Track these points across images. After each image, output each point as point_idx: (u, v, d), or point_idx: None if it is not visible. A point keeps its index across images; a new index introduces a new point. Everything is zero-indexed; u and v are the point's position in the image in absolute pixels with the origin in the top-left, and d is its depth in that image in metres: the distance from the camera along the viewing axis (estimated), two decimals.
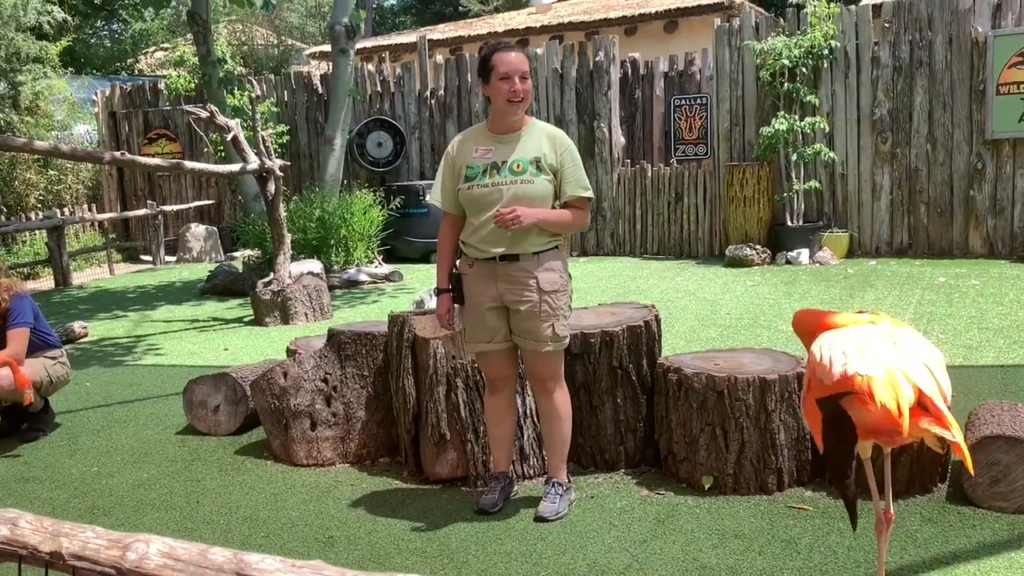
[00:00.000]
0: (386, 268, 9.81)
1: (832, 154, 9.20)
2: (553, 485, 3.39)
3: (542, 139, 3.30)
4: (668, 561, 2.94)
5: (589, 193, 3.33)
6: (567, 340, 3.35)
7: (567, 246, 3.49)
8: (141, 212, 12.65)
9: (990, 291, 7.09)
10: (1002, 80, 8.59)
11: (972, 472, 2.23)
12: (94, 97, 14.51)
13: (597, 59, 10.70)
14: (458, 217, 3.39)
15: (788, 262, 9.07)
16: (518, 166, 3.25)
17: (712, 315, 6.78)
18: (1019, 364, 5.04)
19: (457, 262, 3.44)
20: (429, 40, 13.38)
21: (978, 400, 3.91)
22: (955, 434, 2.14)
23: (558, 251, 3.34)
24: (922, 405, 2.18)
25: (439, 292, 3.44)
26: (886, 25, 9.12)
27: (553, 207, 3.30)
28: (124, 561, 1.25)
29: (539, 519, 3.30)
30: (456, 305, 3.41)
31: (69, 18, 17.13)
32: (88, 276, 12.09)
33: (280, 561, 1.19)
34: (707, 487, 3.47)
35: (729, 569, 2.87)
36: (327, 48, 14.95)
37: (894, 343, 2.28)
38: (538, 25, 16.30)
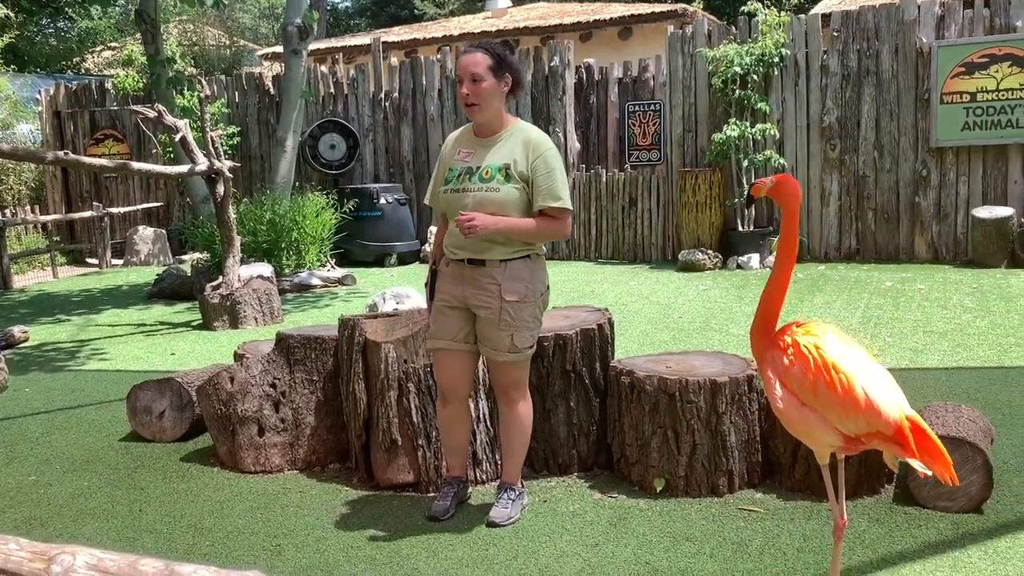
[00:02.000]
0: (339, 272, 9.70)
1: (782, 160, 9.33)
2: (506, 490, 3.36)
3: (517, 145, 3.20)
4: (620, 565, 2.93)
5: (560, 204, 3.17)
6: (528, 351, 3.28)
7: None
8: (87, 214, 12.35)
9: (935, 295, 7.24)
10: (946, 89, 8.80)
11: (957, 483, 2.27)
12: (38, 96, 14.14)
13: (552, 64, 10.73)
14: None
15: (739, 267, 9.17)
16: (487, 173, 3.18)
17: (665, 319, 6.82)
18: (963, 366, 5.15)
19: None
20: (384, 42, 13.30)
21: (923, 402, 3.97)
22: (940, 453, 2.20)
23: (529, 261, 3.23)
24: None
25: (432, 270, 3.45)
26: (835, 34, 9.28)
27: (532, 215, 3.21)
28: (49, 574, 1.19)
29: (491, 524, 3.26)
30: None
31: (12, 14, 16.68)
32: (30, 279, 11.76)
33: (214, 571, 1.14)
34: (659, 489, 3.47)
35: (680, 572, 2.86)
36: (280, 49, 14.78)
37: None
38: (493, 29, 16.30)
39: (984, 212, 8.52)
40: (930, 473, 2.20)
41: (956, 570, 2.78)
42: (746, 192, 2.24)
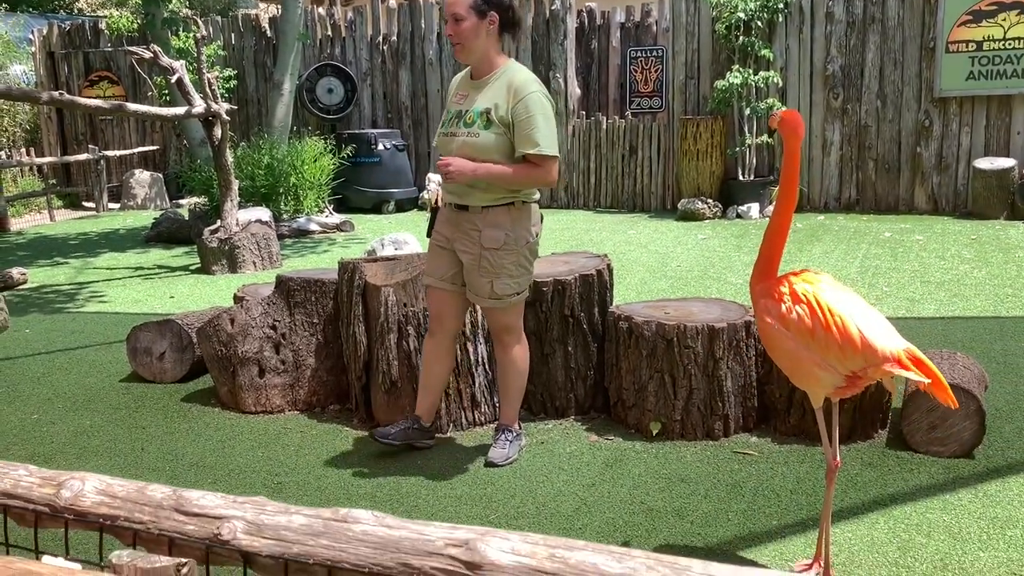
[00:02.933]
0: (337, 218, 9.67)
1: (785, 109, 9.23)
2: (503, 431, 3.40)
3: (502, 89, 3.14)
4: (616, 504, 2.98)
5: (538, 150, 3.08)
6: (511, 299, 3.22)
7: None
8: (83, 157, 12.24)
9: (933, 246, 7.25)
10: (952, 38, 8.68)
11: (956, 405, 2.31)
12: (31, 36, 13.91)
13: (553, 7, 10.56)
14: None
15: (739, 216, 9.16)
16: (469, 118, 3.16)
17: (663, 267, 6.83)
18: (958, 316, 5.17)
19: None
20: None
21: (920, 350, 4.01)
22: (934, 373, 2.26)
23: (513, 208, 3.18)
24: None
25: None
26: None
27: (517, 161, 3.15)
28: (58, 499, 1.21)
29: (489, 464, 3.31)
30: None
31: None
32: (27, 222, 11.72)
33: (221, 497, 1.16)
34: (655, 433, 3.51)
35: (675, 512, 2.91)
36: None
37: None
38: None
39: (985, 163, 8.48)
40: (927, 381, 2.24)
41: (946, 512, 2.84)
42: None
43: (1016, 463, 3.17)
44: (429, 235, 3.40)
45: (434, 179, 10.86)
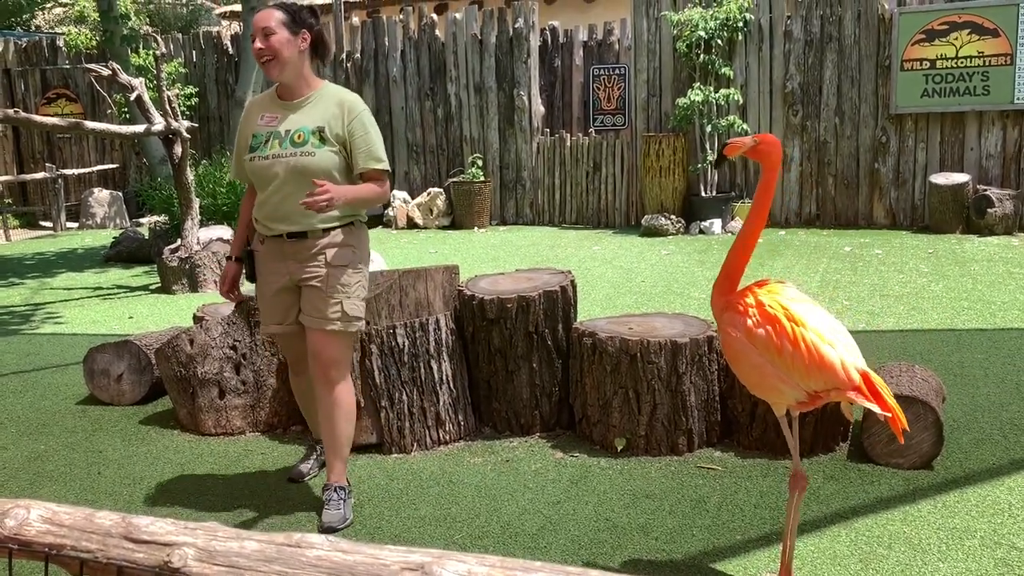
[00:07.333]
0: None
1: (745, 126, 9.36)
2: (335, 491, 3.07)
3: (330, 106, 3.02)
4: (580, 522, 2.97)
5: (383, 165, 3.03)
6: (359, 324, 3.07)
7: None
8: (39, 175, 12.03)
9: (892, 260, 7.37)
10: (906, 56, 8.87)
11: (902, 441, 2.34)
12: None
13: (517, 26, 10.62)
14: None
15: (701, 232, 9.24)
16: (299, 136, 2.98)
17: (627, 283, 6.86)
18: (917, 328, 5.25)
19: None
20: (345, 2, 13.05)
21: (879, 363, 4.06)
22: (891, 406, 2.26)
23: (353, 228, 3.07)
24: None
25: (228, 259, 3.28)
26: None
27: (352, 181, 3.04)
28: (2, 528, 1.17)
29: (327, 529, 2.97)
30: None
31: None
32: None
33: (172, 523, 1.13)
34: (620, 449, 3.51)
35: (640, 528, 2.91)
36: (238, 7, 14.44)
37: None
38: None
39: (941, 179, 8.65)
40: (889, 415, 2.25)
41: (907, 523, 2.86)
42: (718, 152, 2.18)
43: (973, 474, 3.22)
44: (253, 279, 3.19)
45: (399, 196, 10.83)
